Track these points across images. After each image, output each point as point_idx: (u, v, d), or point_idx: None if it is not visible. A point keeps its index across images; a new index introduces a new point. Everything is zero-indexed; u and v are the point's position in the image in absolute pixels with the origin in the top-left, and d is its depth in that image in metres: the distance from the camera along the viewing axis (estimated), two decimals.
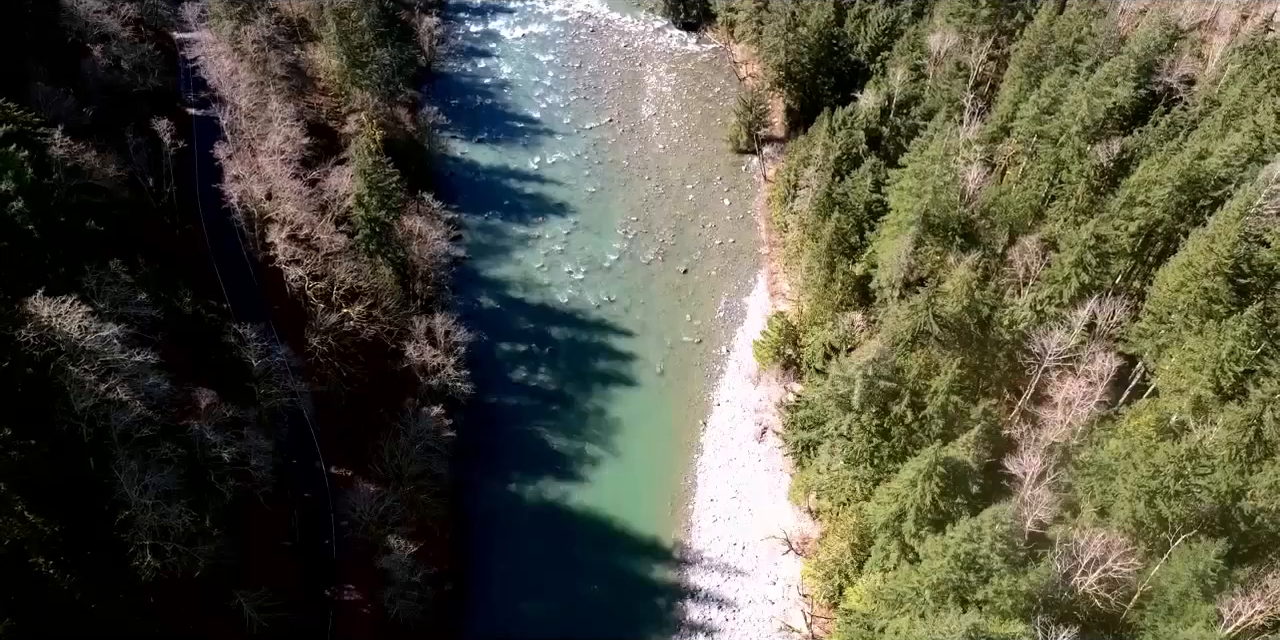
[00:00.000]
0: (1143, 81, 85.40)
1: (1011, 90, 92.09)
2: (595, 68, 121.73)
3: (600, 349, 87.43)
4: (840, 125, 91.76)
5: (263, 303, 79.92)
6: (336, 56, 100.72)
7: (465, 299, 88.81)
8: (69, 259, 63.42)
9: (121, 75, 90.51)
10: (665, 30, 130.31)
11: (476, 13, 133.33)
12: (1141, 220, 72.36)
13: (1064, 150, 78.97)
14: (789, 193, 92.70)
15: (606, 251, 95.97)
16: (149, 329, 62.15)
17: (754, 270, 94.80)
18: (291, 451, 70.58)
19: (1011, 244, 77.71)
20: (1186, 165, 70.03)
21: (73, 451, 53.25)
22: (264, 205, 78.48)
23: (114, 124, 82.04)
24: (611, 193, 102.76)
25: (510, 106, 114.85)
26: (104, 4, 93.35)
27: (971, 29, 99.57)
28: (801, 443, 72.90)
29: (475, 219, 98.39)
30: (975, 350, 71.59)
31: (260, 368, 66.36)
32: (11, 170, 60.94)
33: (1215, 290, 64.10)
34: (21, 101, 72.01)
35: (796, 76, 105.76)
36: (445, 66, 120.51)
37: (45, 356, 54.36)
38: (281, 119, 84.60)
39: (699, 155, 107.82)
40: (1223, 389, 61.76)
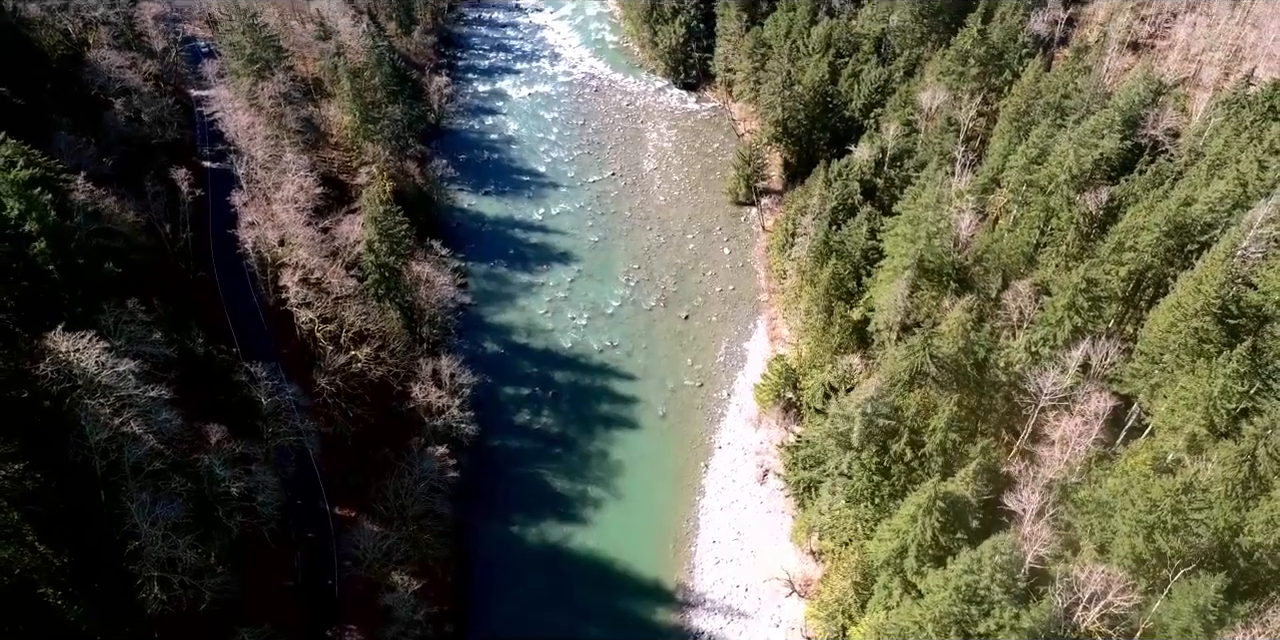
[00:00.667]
0: (1128, 134, 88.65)
1: (1001, 143, 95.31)
2: (598, 125, 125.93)
3: (603, 392, 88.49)
4: (836, 177, 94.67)
5: (271, 347, 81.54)
6: (349, 112, 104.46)
7: (470, 343, 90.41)
8: (87, 299, 65.19)
9: (141, 127, 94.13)
10: (666, 90, 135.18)
11: (484, 73, 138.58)
12: (1131, 265, 74.23)
13: (1053, 198, 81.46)
14: (787, 241, 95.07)
15: (609, 298, 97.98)
16: (163, 367, 63.54)
17: (754, 316, 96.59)
18: (296, 491, 71.12)
19: (1005, 288, 79.45)
20: (1173, 211, 72.28)
21: (85, 483, 53.98)
22: (277, 251, 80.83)
23: (133, 173, 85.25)
24: (614, 242, 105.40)
25: (516, 161, 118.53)
26: (126, 60, 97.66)
27: (961, 86, 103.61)
28: (803, 482, 73.41)
29: (481, 267, 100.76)
30: (972, 391, 72.76)
31: (270, 406, 67.48)
32: (36, 212, 63.15)
33: (1205, 330, 65.59)
34: (45, 149, 75.15)
35: (793, 132, 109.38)
36: (454, 123, 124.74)
37: (62, 391, 55.65)
38: (296, 170, 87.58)
39: (699, 207, 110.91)
40: (1216, 426, 62.70)
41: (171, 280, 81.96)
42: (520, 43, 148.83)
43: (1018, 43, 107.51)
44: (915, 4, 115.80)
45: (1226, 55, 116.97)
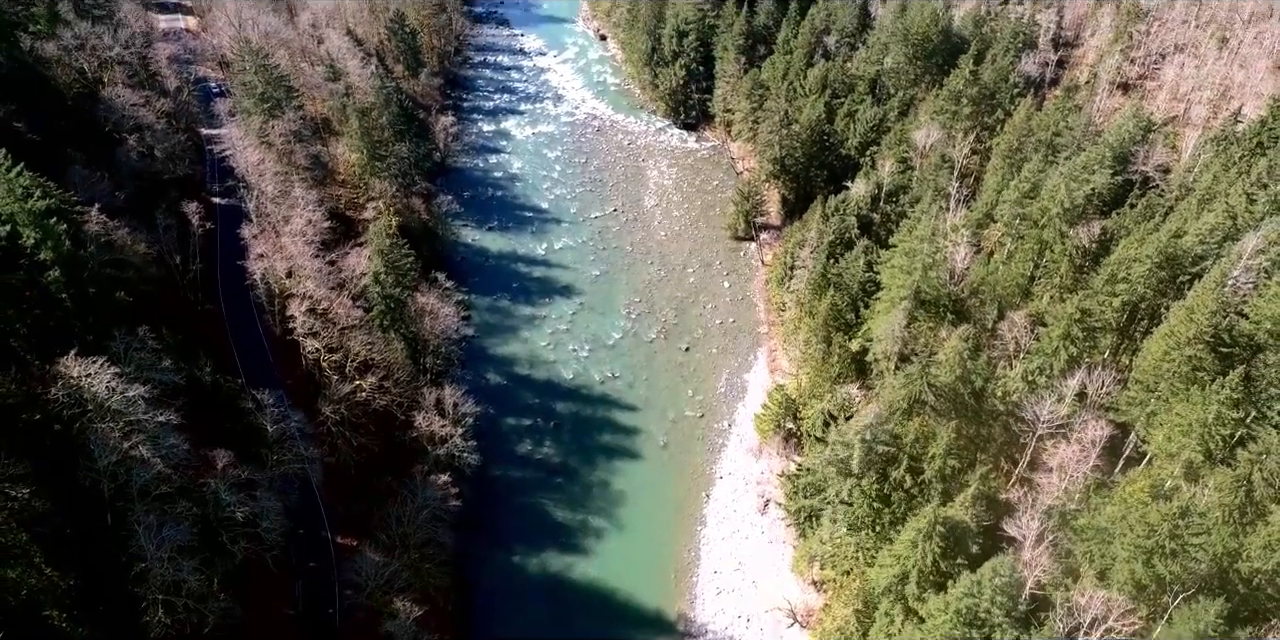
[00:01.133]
0: (1119, 170, 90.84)
1: (994, 180, 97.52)
2: (600, 163, 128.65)
3: (604, 423, 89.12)
4: (833, 212, 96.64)
5: (275, 378, 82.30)
6: (357, 150, 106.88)
7: (473, 374, 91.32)
8: (97, 328, 66.31)
9: (153, 163, 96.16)
10: (666, 130, 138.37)
11: (489, 114, 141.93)
12: (1124, 296, 75.50)
13: (1046, 231, 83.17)
14: (786, 274, 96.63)
15: (611, 330, 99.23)
16: (171, 394, 64.33)
17: (754, 348, 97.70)
18: (298, 519, 71.22)
19: (1001, 319, 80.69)
20: (1164, 243, 73.82)
21: (92, 506, 54.48)
22: (285, 282, 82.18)
23: (145, 207, 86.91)
24: (616, 276, 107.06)
25: (520, 197, 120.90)
26: (140, 98, 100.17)
27: (954, 125, 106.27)
28: (803, 511, 73.70)
29: (484, 300, 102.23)
30: (970, 419, 73.47)
31: (275, 433, 68.14)
32: (51, 241, 64.60)
33: (1199, 358, 66.58)
34: (60, 183, 76.71)
35: (791, 169, 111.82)
36: (459, 161, 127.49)
37: (72, 416, 56.45)
38: (304, 204, 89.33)
39: (699, 241, 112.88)
40: (1212, 453, 63.34)
41: (180, 311, 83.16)
42: (524, 85, 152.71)
43: (1009, 83, 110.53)
44: (908, 47, 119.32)
45: (1215, 94, 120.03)
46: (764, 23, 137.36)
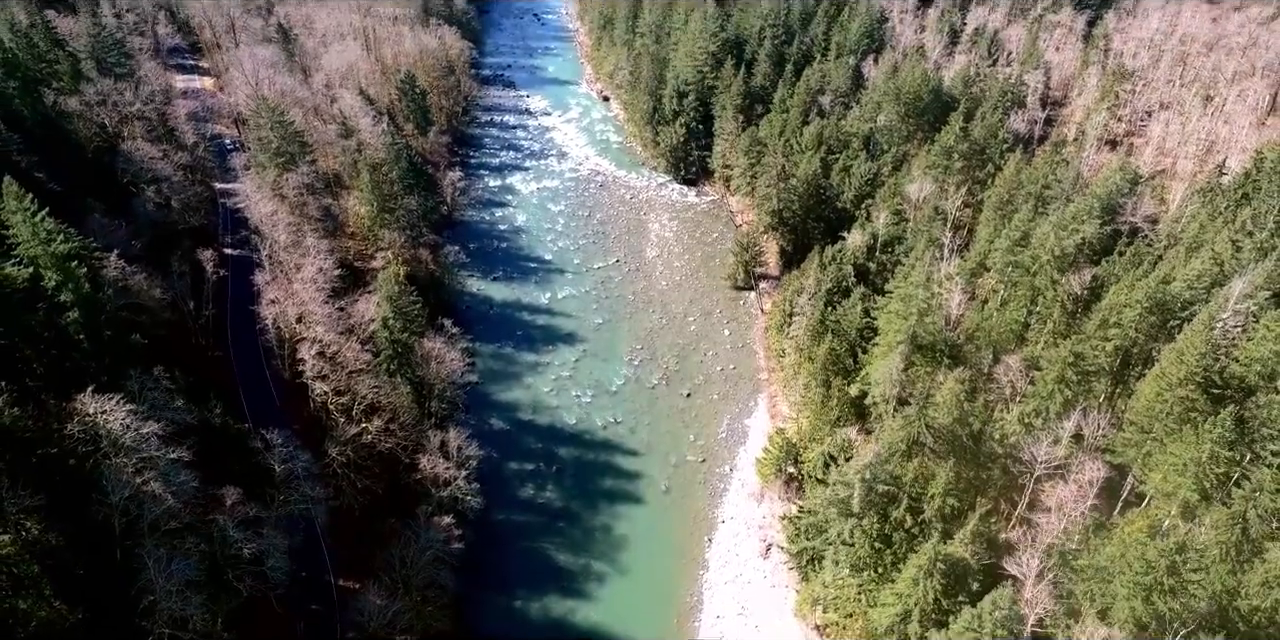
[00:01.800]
0: (1107, 220, 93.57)
1: (986, 231, 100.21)
2: (603, 216, 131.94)
3: (606, 468, 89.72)
4: (830, 261, 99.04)
5: (282, 422, 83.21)
6: (368, 203, 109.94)
7: (477, 419, 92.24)
8: (112, 369, 67.87)
9: (169, 213, 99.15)
10: (667, 185, 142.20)
11: (495, 170, 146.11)
12: (1117, 340, 77.13)
13: (1038, 278, 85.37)
14: (785, 321, 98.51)
15: (613, 376, 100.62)
16: (182, 433, 65.49)
17: (754, 394, 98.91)
18: (302, 561, 71.50)
19: (996, 363, 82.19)
20: (1153, 288, 75.87)
21: (103, 540, 55.17)
22: (296, 327, 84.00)
23: (161, 255, 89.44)
24: (618, 324, 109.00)
25: (524, 249, 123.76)
26: (159, 151, 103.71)
27: (946, 179, 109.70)
28: (806, 553, 73.95)
29: (489, 347, 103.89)
30: (969, 461, 74.30)
31: (282, 473, 68.99)
32: (72, 283, 66.71)
33: (1191, 399, 67.90)
34: (80, 230, 79.24)
35: (788, 221, 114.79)
36: (466, 215, 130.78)
37: (87, 452, 57.60)
38: (316, 253, 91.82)
39: (700, 291, 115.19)
40: (1207, 492, 64.16)
41: (190, 355, 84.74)
42: (529, 142, 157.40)
43: (998, 139, 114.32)
44: (900, 105, 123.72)
45: (1200, 149, 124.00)
46: (761, 83, 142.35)
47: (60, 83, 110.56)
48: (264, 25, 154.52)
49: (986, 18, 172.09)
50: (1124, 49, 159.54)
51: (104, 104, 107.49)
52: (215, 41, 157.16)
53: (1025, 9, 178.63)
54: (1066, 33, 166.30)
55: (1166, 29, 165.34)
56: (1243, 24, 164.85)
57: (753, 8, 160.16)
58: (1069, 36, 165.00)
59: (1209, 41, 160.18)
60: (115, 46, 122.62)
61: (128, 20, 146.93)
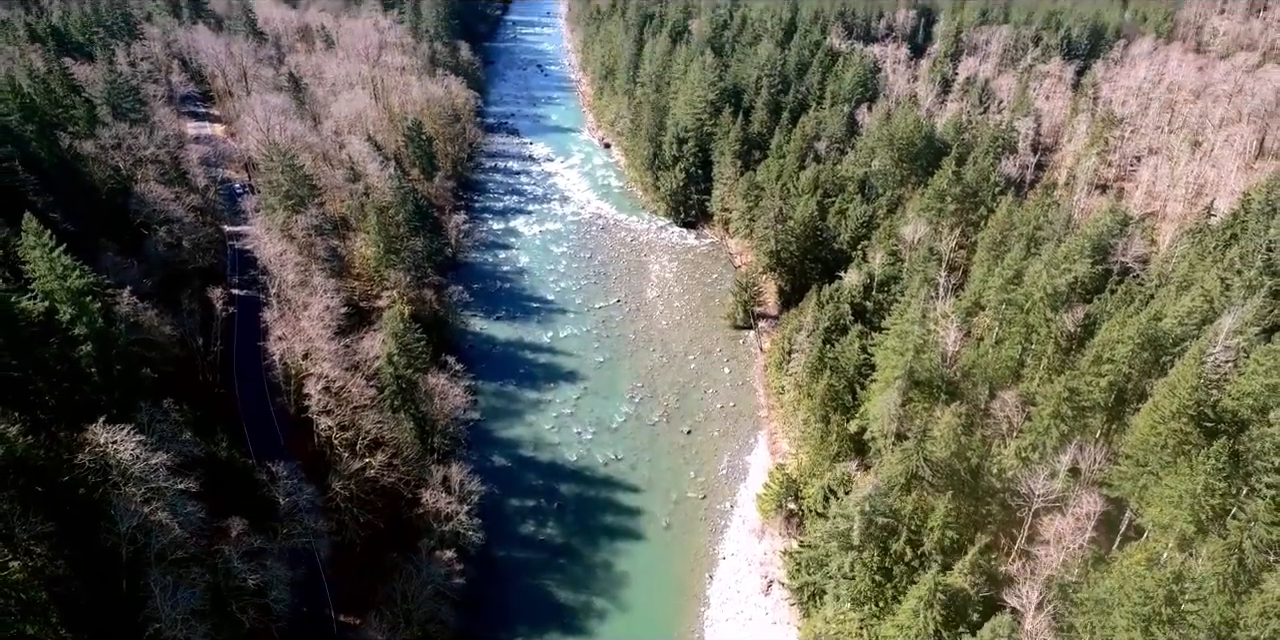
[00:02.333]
0: (1098, 260, 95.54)
1: (980, 271, 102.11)
2: (604, 258, 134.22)
3: (607, 504, 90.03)
4: (828, 300, 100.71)
5: (286, 459, 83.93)
6: (374, 244, 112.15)
7: (478, 455, 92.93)
8: (122, 402, 69.00)
9: (180, 253, 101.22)
10: (667, 228, 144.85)
11: (499, 213, 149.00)
12: (1110, 376, 78.27)
13: (1032, 316, 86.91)
14: (784, 358, 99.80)
15: (614, 414, 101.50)
16: (189, 465, 66.34)
17: (754, 431, 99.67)
18: (302, 595, 71.54)
19: (993, 399, 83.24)
20: (1145, 324, 77.34)
21: (110, 569, 55.66)
22: (302, 363, 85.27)
23: (171, 293, 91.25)
24: (619, 362, 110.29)
25: (527, 289, 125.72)
26: (171, 194, 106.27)
27: (940, 221, 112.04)
28: (807, 588, 74.01)
29: (491, 385, 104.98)
30: (968, 495, 74.93)
31: (287, 506, 69.58)
32: (86, 317, 68.24)
33: (1184, 432, 68.81)
34: (94, 268, 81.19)
35: (786, 262, 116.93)
36: (469, 257, 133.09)
37: (95, 483, 58.43)
38: (323, 291, 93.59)
39: (700, 330, 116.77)
40: (1203, 524, 64.67)
41: (197, 391, 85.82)
42: (533, 187, 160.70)
43: (990, 182, 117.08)
44: (894, 151, 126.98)
45: (1189, 192, 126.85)
46: (758, 130, 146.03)
47: (76, 127, 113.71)
48: (275, 75, 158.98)
49: (977, 68, 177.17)
50: (1113, 97, 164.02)
51: (118, 147, 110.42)
52: (227, 90, 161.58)
53: (1015, 59, 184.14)
54: (1056, 82, 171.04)
55: (1154, 77, 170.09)
56: (1228, 72, 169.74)
57: (750, 58, 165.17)
58: (1058, 85, 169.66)
59: (1196, 89, 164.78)
60: (130, 93, 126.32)
61: (142, 68, 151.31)
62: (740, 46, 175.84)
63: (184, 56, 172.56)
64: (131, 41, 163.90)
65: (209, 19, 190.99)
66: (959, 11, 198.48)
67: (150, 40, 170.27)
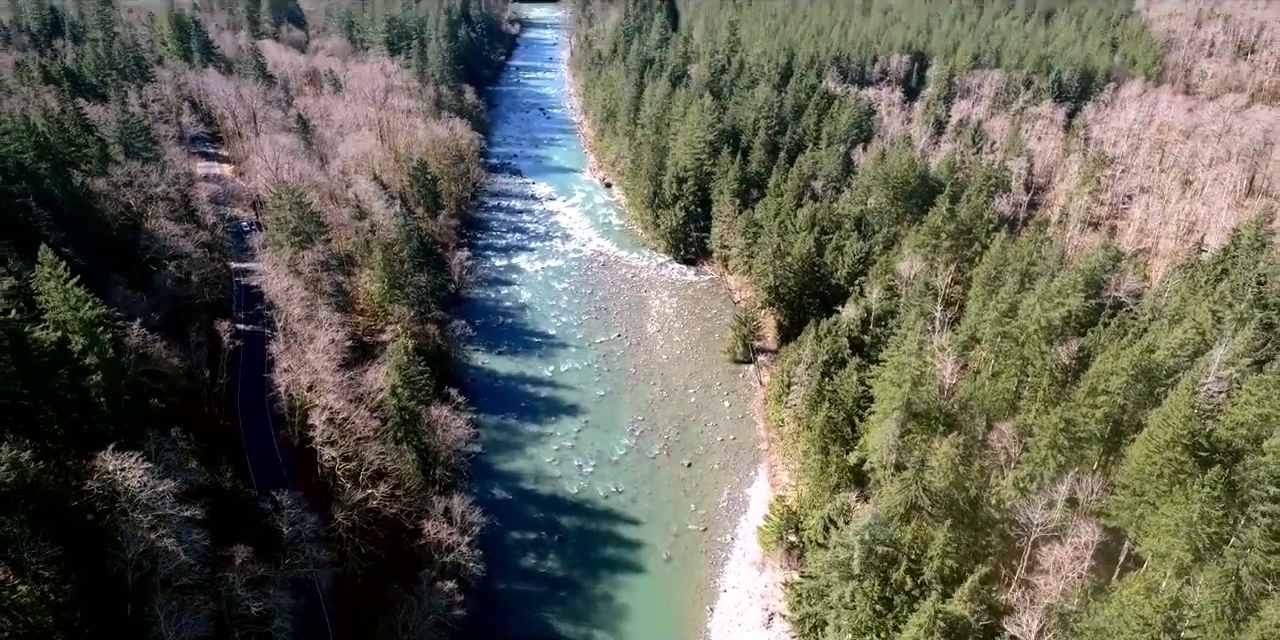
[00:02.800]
0: (1091, 294, 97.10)
1: (976, 306, 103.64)
2: (605, 293, 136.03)
3: (608, 537, 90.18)
4: (826, 333, 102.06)
5: (288, 489, 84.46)
6: (379, 280, 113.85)
7: (480, 488, 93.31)
8: (129, 431, 69.90)
9: (189, 288, 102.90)
10: (667, 265, 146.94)
11: (501, 250, 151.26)
12: (1106, 407, 79.28)
13: (1027, 348, 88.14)
14: (783, 391, 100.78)
15: (615, 447, 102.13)
16: (194, 493, 67.01)
17: (754, 464, 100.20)
18: (303, 627, 71.44)
19: (990, 430, 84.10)
20: (1138, 356, 78.59)
21: (116, 594, 56.08)
22: (308, 395, 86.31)
23: (179, 327, 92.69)
24: (619, 396, 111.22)
25: (528, 324, 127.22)
26: (181, 230, 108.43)
27: (936, 257, 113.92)
28: (808, 620, 73.98)
29: (492, 419, 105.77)
30: (968, 526, 75.37)
31: (290, 535, 70.03)
32: (97, 347, 69.52)
33: (1179, 461, 69.60)
34: (105, 301, 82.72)
35: (785, 297, 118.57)
36: (472, 293, 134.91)
37: (103, 510, 59.14)
38: (328, 325, 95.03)
39: (700, 364, 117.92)
40: (1200, 552, 65.12)
41: (202, 423, 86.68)
42: (535, 225, 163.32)
43: (984, 219, 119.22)
44: (889, 189, 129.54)
45: (1180, 229, 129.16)
46: (756, 170, 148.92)
47: (89, 165, 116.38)
48: (284, 116, 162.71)
49: (970, 110, 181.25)
50: (1104, 137, 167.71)
51: (130, 185, 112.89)
52: (237, 131, 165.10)
53: (1007, 102, 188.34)
54: (1048, 123, 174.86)
55: (1144, 118, 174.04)
56: (1217, 113, 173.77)
57: (747, 101, 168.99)
58: (1050, 127, 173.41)
59: (1186, 129, 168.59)
60: (142, 133, 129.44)
61: (154, 109, 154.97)
62: (738, 90, 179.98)
63: (194, 98, 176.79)
64: (143, 84, 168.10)
65: (219, 63, 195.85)
66: (951, 56, 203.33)
67: (162, 83, 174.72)
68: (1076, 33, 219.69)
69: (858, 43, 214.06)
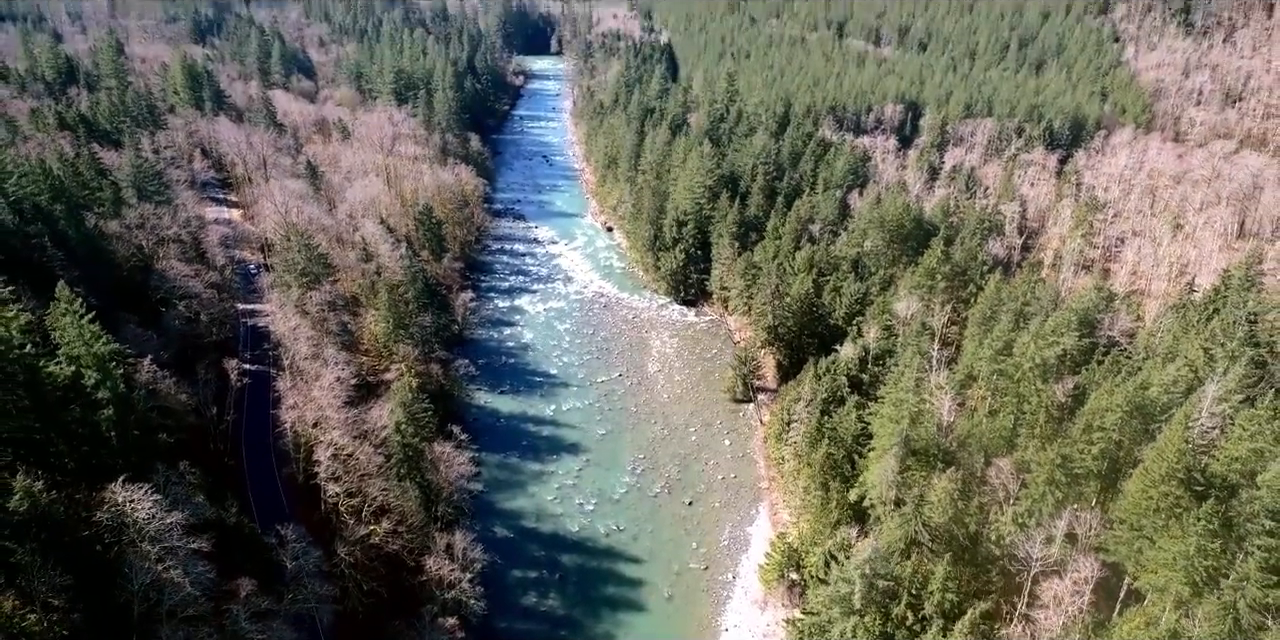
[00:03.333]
0: (1085, 333, 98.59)
1: (972, 346, 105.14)
2: (606, 334, 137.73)
3: (609, 575, 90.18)
4: (825, 372, 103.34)
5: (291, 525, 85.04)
6: (384, 320, 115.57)
7: (481, 526, 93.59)
8: (138, 465, 70.85)
9: (197, 327, 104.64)
10: (668, 306, 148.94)
11: (505, 292, 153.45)
12: (1101, 443, 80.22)
13: (1022, 386, 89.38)
14: (783, 428, 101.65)
15: (616, 485, 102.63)
16: (200, 527, 67.70)
17: (755, 502, 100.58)
18: None
19: (988, 466, 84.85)
20: (1132, 393, 79.82)
21: (122, 624, 56.48)
22: (313, 431, 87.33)
23: (187, 365, 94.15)
24: (621, 435, 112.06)
25: (531, 364, 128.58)
26: (191, 271, 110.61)
27: (932, 298, 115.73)
28: None
29: (494, 457, 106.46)
30: (968, 562, 75.76)
31: (294, 569, 70.46)
32: (110, 382, 70.90)
33: (1175, 495, 70.34)
34: (116, 339, 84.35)
35: (784, 337, 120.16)
36: (476, 333, 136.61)
37: (112, 541, 59.88)
38: (335, 363, 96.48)
39: (700, 403, 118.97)
40: (1198, 586, 65.52)
41: (208, 460, 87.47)
42: (537, 268, 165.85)
43: (978, 261, 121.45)
44: (885, 232, 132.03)
45: (1172, 271, 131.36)
46: (754, 213, 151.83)
47: (102, 208, 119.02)
48: (293, 163, 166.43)
49: (963, 157, 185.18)
50: (1095, 183, 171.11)
51: (142, 227, 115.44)
52: (247, 176, 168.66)
53: (1000, 149, 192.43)
54: (1040, 169, 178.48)
55: (1135, 164, 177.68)
56: (1206, 159, 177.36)
57: (746, 148, 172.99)
58: (1042, 173, 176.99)
59: (1176, 175, 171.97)
60: (155, 177, 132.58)
61: (166, 155, 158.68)
62: (736, 137, 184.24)
63: (205, 145, 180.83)
64: (156, 130, 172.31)
65: (230, 111, 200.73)
66: (944, 106, 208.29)
67: (174, 129, 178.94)
68: (1066, 83, 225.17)
69: (853, 93, 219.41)
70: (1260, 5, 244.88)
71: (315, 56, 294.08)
